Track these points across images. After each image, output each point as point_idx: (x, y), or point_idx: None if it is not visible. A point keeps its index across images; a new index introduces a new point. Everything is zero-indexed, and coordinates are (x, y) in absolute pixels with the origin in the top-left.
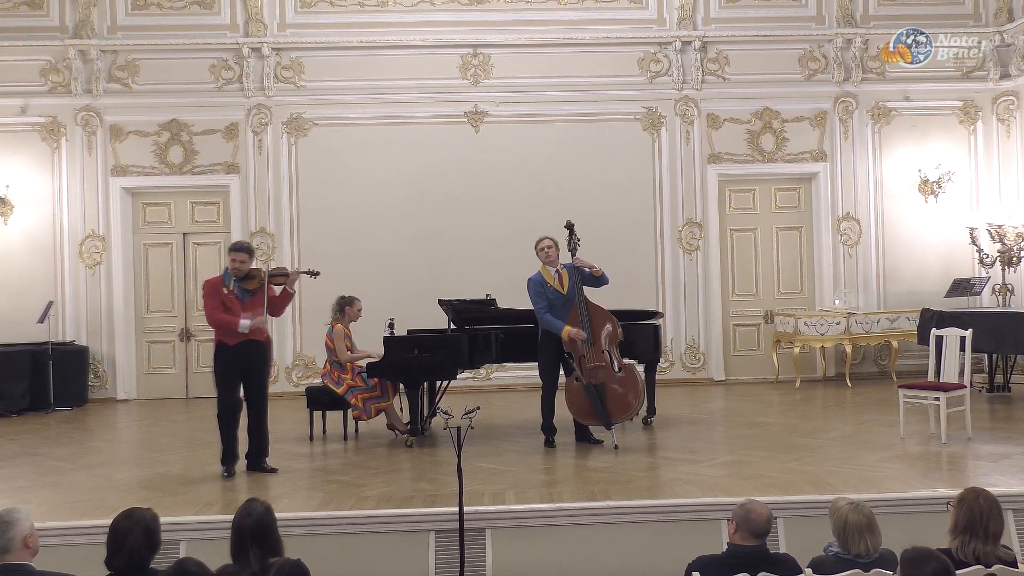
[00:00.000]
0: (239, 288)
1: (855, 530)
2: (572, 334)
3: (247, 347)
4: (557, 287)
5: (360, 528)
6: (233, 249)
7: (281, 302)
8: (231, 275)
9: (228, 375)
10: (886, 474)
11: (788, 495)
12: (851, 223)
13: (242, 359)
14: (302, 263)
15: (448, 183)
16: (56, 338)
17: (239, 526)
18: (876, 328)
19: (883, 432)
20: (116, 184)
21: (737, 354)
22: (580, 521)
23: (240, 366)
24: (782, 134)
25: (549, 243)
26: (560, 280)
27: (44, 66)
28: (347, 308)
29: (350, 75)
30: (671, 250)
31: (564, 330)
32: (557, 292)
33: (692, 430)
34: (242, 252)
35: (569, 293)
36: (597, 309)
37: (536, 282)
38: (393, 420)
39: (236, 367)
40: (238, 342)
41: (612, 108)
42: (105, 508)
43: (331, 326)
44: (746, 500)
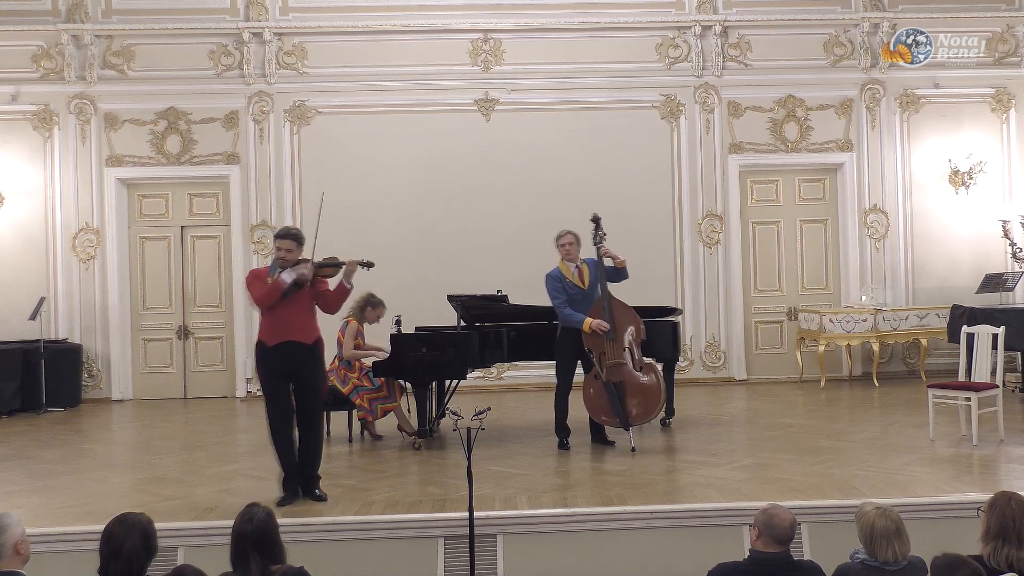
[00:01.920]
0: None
1: (883, 536)
2: (594, 325)
3: (288, 348)
4: (577, 283)
5: (366, 534)
6: (278, 236)
7: (336, 298)
8: (276, 266)
9: (270, 381)
10: (915, 478)
11: (813, 500)
12: (878, 215)
13: (283, 362)
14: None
15: (457, 174)
16: (48, 336)
17: (239, 532)
18: (904, 325)
19: (912, 434)
20: (111, 175)
21: (759, 352)
22: (595, 527)
23: (283, 369)
24: (806, 123)
25: (571, 239)
26: (580, 276)
27: (36, 51)
28: (368, 308)
29: (355, 61)
30: (690, 244)
31: (586, 322)
32: (577, 287)
33: (712, 432)
34: (288, 239)
35: (590, 289)
36: (621, 305)
37: (554, 277)
38: (401, 422)
39: (278, 371)
40: (277, 342)
41: (629, 96)
42: (99, 513)
43: (347, 321)
44: (769, 505)
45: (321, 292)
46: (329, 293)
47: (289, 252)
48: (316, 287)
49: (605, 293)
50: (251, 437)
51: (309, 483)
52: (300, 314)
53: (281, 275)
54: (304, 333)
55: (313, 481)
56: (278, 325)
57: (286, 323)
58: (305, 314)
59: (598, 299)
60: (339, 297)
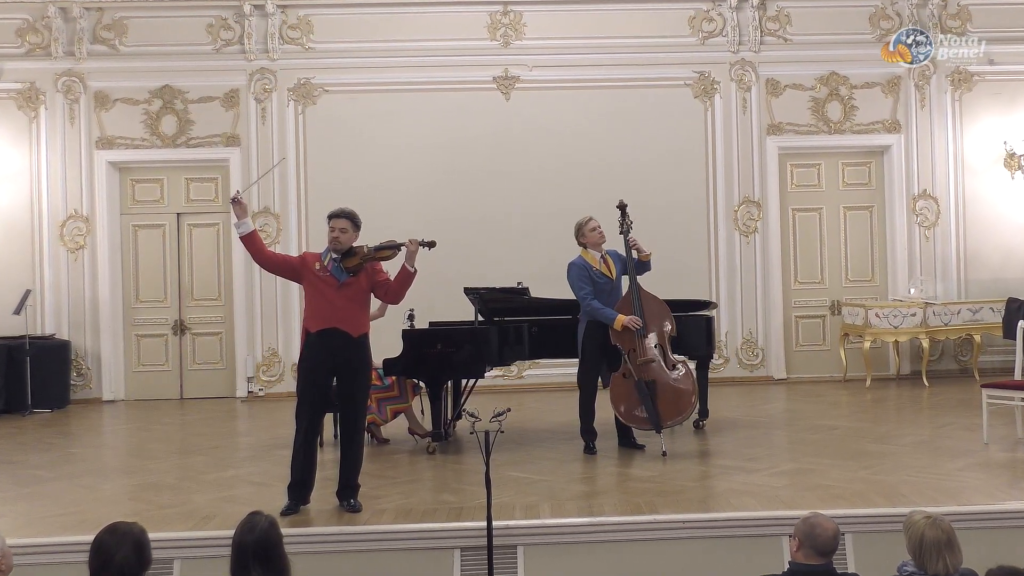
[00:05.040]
0: (336, 266)
1: (933, 547)
2: (626, 322)
3: (333, 336)
4: (605, 271)
5: (376, 545)
6: (332, 216)
7: (399, 285)
8: (329, 250)
9: (309, 372)
10: (967, 484)
11: (857, 508)
12: (928, 202)
13: (327, 351)
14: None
15: (474, 157)
16: (34, 331)
17: (240, 543)
18: (956, 320)
19: (964, 437)
20: (101, 158)
21: (800, 349)
22: (623, 537)
23: (325, 361)
24: (850, 102)
25: (598, 224)
26: (607, 266)
27: (20, 25)
28: None
29: (365, 35)
30: (726, 232)
31: (618, 319)
32: (605, 277)
33: (749, 435)
34: (342, 218)
35: (617, 280)
36: (652, 298)
37: (579, 265)
38: (413, 424)
39: (317, 363)
40: (321, 328)
41: (659, 73)
42: (89, 522)
43: None
44: (810, 514)
45: (380, 282)
46: (390, 281)
47: (343, 232)
48: (373, 276)
49: (635, 285)
50: (253, 440)
51: (345, 491)
52: (350, 304)
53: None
54: (350, 324)
55: (350, 491)
56: (323, 310)
57: (331, 309)
58: (355, 305)
59: (627, 291)
60: (402, 283)
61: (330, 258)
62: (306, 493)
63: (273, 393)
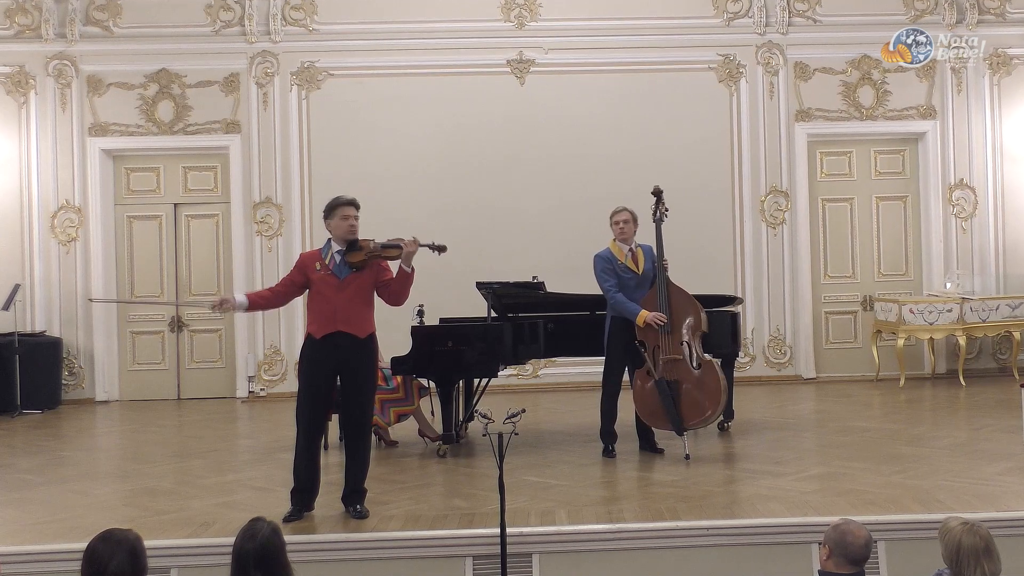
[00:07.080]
0: (340, 262)
1: (970, 555)
2: (650, 319)
3: (338, 340)
4: (631, 266)
5: (383, 553)
6: (342, 204)
7: (398, 286)
8: (333, 244)
9: (312, 378)
10: (1007, 489)
11: (890, 514)
12: (965, 192)
13: (331, 356)
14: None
15: (487, 144)
16: (24, 328)
17: (241, 551)
18: (995, 316)
19: (1003, 439)
20: (95, 146)
21: (830, 347)
22: (644, 545)
23: (330, 365)
24: (883, 86)
25: (627, 216)
26: (634, 259)
27: (9, 6)
28: None
29: (372, 16)
30: (752, 224)
31: (640, 315)
32: (631, 271)
33: (776, 437)
34: (354, 207)
35: (644, 275)
36: (680, 293)
37: (604, 258)
38: (422, 426)
39: (324, 367)
40: (325, 332)
41: (681, 55)
42: (81, 529)
43: None
44: (841, 520)
45: (384, 282)
46: (392, 282)
47: (357, 220)
48: (379, 276)
49: (662, 278)
50: (254, 443)
51: (351, 497)
52: (355, 305)
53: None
54: (356, 325)
55: (356, 496)
56: (325, 313)
57: (335, 311)
58: (360, 305)
59: (653, 286)
60: (401, 285)
61: (331, 254)
62: (310, 498)
63: (275, 393)
